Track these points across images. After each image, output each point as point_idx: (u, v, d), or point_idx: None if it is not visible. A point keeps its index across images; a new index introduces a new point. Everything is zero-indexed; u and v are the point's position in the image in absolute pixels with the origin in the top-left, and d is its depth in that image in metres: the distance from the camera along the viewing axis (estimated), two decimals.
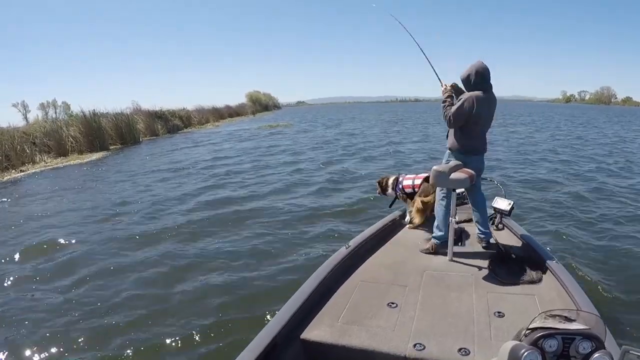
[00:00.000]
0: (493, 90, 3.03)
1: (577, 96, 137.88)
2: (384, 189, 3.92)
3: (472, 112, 2.90)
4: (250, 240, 5.06)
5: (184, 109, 28.81)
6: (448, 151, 3.18)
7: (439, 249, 3.05)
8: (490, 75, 2.98)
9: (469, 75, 2.94)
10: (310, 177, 9.03)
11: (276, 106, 67.10)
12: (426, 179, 3.59)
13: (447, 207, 3.07)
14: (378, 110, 60.20)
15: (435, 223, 3.14)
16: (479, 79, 2.92)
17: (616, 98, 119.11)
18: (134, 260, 4.63)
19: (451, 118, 2.95)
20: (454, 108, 2.95)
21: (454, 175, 2.78)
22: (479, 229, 3.16)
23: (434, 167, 2.85)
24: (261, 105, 55.08)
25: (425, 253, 3.07)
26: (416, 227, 3.59)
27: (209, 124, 30.82)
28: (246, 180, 8.91)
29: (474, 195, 3.19)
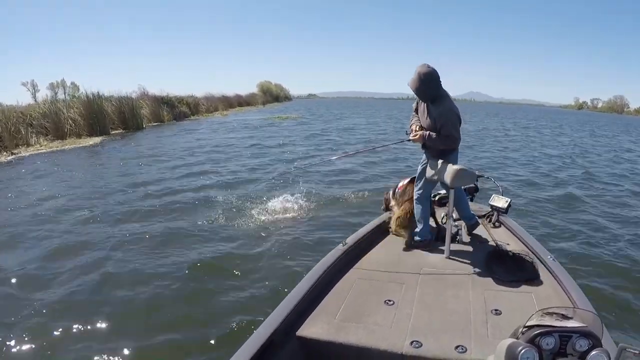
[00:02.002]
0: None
1: (589, 103, 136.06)
2: (387, 203, 3.56)
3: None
4: (242, 236, 4.81)
5: (191, 95, 28.04)
6: (426, 153, 3.13)
7: (420, 245, 3.08)
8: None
9: (421, 85, 2.83)
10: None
11: (287, 97, 66.54)
12: (412, 181, 3.34)
13: (425, 207, 3.14)
14: (389, 107, 60.46)
15: (416, 222, 3.18)
16: (434, 85, 2.85)
17: (629, 107, 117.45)
18: (107, 260, 4.17)
19: (456, 135, 2.93)
20: (450, 128, 2.89)
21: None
22: (463, 218, 3.22)
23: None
24: (272, 95, 54.44)
25: (410, 247, 3.10)
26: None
27: (217, 112, 30.10)
28: (235, 175, 8.50)
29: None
